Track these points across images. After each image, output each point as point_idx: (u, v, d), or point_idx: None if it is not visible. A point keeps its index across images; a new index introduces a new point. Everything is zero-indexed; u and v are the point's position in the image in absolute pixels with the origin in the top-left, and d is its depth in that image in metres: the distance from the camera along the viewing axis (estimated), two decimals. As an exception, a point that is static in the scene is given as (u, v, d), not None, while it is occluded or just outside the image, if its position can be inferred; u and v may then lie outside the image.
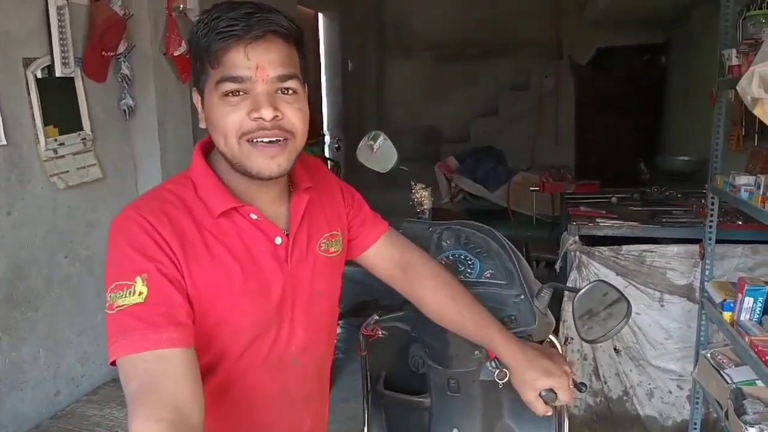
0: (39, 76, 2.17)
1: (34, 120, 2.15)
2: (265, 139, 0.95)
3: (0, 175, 2.04)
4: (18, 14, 2.08)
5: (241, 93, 0.94)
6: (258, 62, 0.93)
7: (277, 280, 1.03)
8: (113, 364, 0.89)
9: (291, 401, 1.10)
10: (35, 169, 2.16)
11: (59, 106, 2.28)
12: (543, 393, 1.12)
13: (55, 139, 2.24)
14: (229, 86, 0.94)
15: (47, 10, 2.17)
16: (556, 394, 1.12)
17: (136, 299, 0.89)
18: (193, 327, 0.94)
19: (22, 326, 2.14)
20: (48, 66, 2.21)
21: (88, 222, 2.42)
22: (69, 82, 2.32)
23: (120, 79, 2.57)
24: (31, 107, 2.14)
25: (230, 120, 0.95)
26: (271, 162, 0.97)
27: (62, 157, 2.28)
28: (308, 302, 1.08)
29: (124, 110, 2.61)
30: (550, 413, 1.13)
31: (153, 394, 0.83)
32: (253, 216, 1.01)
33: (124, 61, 2.56)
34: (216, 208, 0.99)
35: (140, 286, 0.89)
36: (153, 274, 0.91)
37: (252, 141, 0.95)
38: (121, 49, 2.52)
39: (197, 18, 0.97)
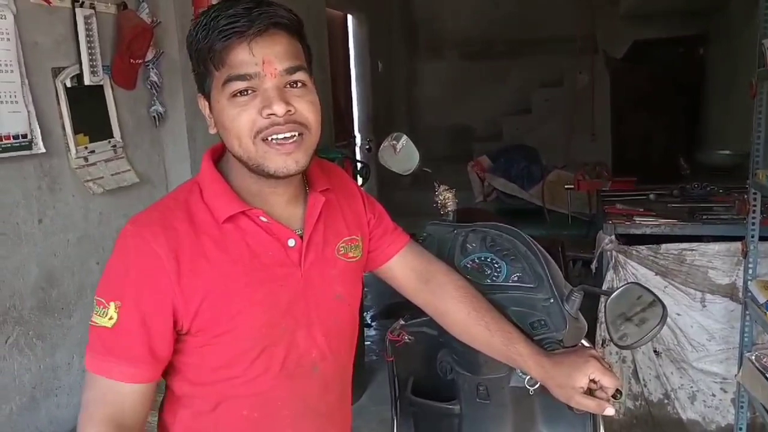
0: (68, 85, 2.19)
1: (64, 129, 2.17)
2: (280, 136, 0.93)
3: (31, 184, 2.06)
4: (46, 24, 2.10)
5: (249, 92, 0.92)
6: (264, 57, 0.91)
7: (288, 284, 0.99)
8: None
9: (313, 413, 1.05)
10: (66, 177, 2.19)
11: (89, 114, 2.29)
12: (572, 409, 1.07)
13: (86, 147, 2.26)
14: (237, 85, 0.91)
15: (75, 20, 2.19)
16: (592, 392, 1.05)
17: (105, 322, 0.92)
18: (162, 360, 0.95)
19: (55, 332, 2.17)
20: (77, 75, 2.22)
21: (119, 228, 2.39)
22: (98, 90, 2.34)
23: (149, 86, 2.58)
24: (61, 116, 2.16)
25: (242, 120, 0.92)
26: (289, 159, 0.94)
27: (93, 164, 2.30)
28: (327, 306, 1.04)
29: (154, 117, 2.62)
30: (608, 407, 1.03)
31: (100, 410, 0.92)
32: (263, 219, 0.98)
33: (153, 68, 2.57)
34: (221, 213, 0.96)
35: (112, 311, 0.92)
36: (127, 304, 0.92)
37: (267, 139, 0.93)
38: (150, 56, 2.53)
39: (192, 21, 0.95)
